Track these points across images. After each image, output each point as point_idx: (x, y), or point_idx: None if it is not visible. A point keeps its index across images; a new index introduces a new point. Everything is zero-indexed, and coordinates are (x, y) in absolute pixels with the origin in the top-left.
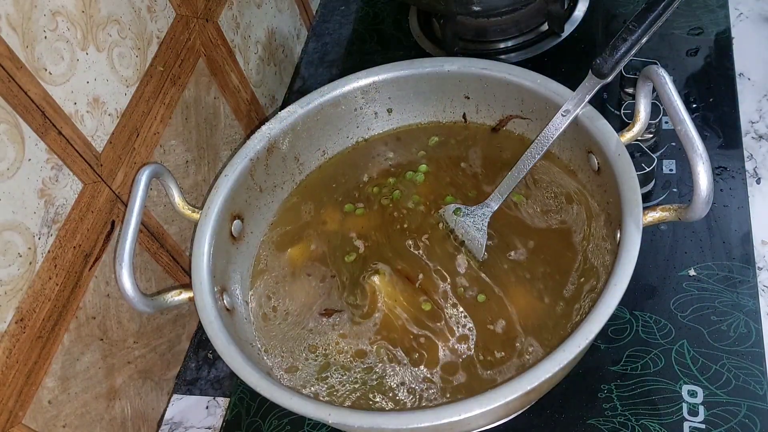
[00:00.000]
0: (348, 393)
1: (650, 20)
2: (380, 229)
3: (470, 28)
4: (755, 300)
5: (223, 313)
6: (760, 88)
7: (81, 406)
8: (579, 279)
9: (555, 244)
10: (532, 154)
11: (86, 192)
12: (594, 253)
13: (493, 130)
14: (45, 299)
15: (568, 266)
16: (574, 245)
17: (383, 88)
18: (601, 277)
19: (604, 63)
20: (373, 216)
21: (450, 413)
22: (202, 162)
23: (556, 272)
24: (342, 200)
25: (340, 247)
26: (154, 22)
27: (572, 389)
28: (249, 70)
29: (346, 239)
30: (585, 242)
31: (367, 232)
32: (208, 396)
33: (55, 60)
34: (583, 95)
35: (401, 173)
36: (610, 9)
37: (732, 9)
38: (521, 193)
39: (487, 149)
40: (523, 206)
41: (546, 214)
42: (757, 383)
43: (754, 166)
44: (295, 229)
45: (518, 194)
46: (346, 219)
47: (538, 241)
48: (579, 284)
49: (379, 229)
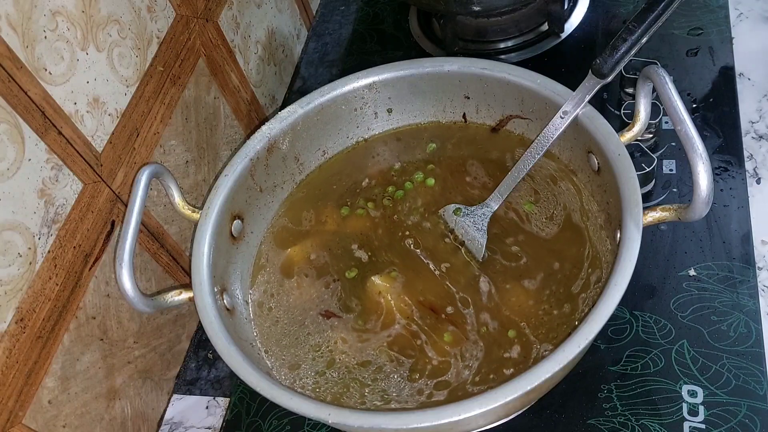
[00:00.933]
0: (346, 393)
1: (650, 20)
2: (384, 232)
3: (470, 28)
4: (755, 300)
5: (223, 313)
6: (760, 88)
7: (81, 406)
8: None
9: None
10: (531, 155)
11: (86, 192)
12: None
13: (493, 131)
14: (45, 299)
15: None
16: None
17: (383, 88)
18: (602, 279)
19: (604, 63)
20: (376, 218)
21: (450, 413)
22: (202, 162)
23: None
24: (342, 200)
25: (341, 247)
26: (154, 22)
27: (572, 389)
28: (249, 70)
29: (347, 240)
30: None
31: (370, 233)
32: (208, 396)
33: (55, 60)
34: (583, 95)
35: (403, 178)
36: (610, 9)
37: (732, 9)
38: (531, 201)
39: (487, 149)
40: (531, 215)
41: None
42: (757, 383)
43: (754, 166)
44: (296, 228)
45: (529, 203)
46: (346, 219)
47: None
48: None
49: (383, 232)
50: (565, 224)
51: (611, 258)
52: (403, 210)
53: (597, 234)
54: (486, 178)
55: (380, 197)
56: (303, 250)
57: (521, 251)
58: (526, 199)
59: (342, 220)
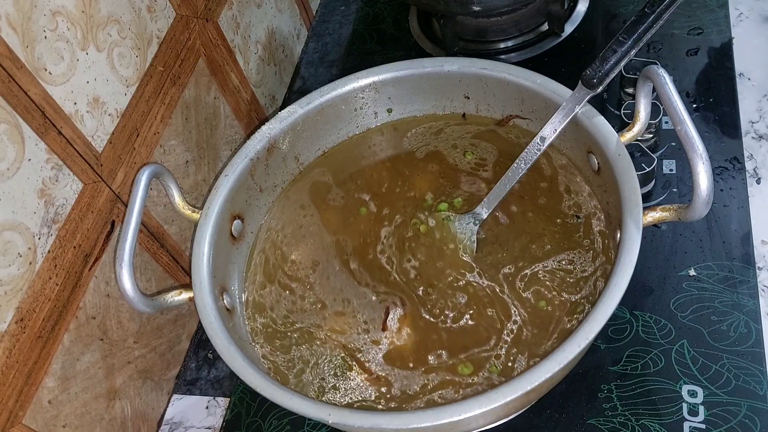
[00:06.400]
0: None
1: (640, 32)
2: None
3: (470, 28)
4: (755, 300)
5: (223, 313)
6: (760, 88)
7: (81, 406)
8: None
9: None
10: (518, 167)
11: (86, 192)
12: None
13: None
14: (45, 299)
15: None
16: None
17: (383, 88)
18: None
19: (594, 74)
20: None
21: (450, 413)
22: (202, 162)
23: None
24: (343, 199)
25: (342, 246)
26: (154, 22)
27: (572, 389)
28: (249, 70)
29: (347, 240)
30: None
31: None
32: (208, 396)
33: (55, 60)
34: (573, 105)
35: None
36: (610, 9)
37: (732, 9)
38: (544, 301)
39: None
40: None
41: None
42: (757, 383)
43: (754, 166)
44: (296, 228)
45: (543, 302)
46: (346, 219)
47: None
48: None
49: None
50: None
51: (611, 258)
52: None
53: (596, 234)
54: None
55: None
56: (303, 249)
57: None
58: (540, 296)
59: (342, 220)
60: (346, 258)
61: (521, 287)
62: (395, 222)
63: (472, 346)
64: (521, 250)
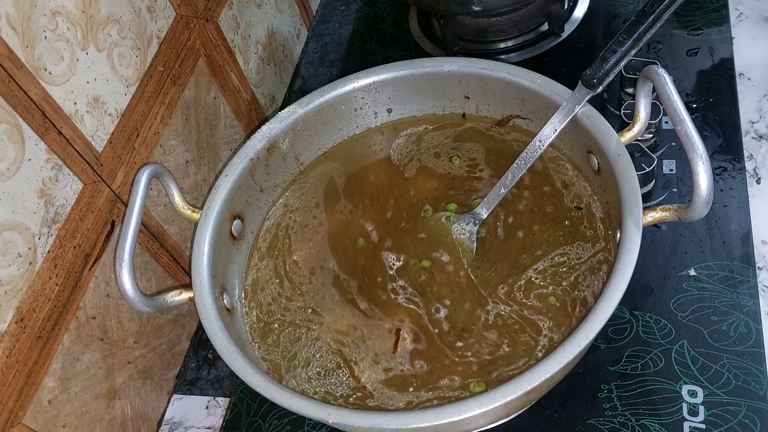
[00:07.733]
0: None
1: (640, 32)
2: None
3: (470, 28)
4: (755, 300)
5: (223, 313)
6: (760, 88)
7: (81, 406)
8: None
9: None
10: (518, 166)
11: (86, 192)
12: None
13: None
14: (45, 299)
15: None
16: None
17: (383, 88)
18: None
19: (594, 74)
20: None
21: (450, 413)
22: (202, 162)
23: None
24: (342, 198)
25: (341, 246)
26: (154, 22)
27: (572, 389)
28: (249, 70)
29: (347, 239)
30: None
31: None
32: (208, 396)
33: (55, 60)
34: (573, 105)
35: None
36: (610, 9)
37: (732, 9)
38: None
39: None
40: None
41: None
42: (757, 383)
43: (754, 166)
44: (297, 228)
45: (552, 297)
46: (347, 220)
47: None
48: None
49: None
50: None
51: (611, 258)
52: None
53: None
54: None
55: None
56: (304, 249)
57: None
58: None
59: (342, 219)
60: (351, 260)
61: (530, 298)
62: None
63: (503, 366)
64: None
